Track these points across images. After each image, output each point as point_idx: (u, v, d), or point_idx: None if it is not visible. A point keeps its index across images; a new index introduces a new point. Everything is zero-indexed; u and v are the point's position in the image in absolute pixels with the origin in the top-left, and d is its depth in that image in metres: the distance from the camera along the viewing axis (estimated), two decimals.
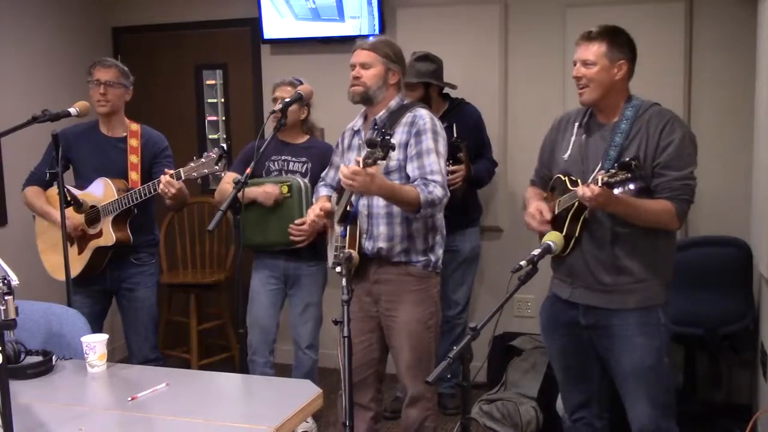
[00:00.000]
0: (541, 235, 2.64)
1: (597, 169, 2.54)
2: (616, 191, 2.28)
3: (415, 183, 2.73)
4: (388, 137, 2.40)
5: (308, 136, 3.72)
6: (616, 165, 2.28)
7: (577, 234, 2.57)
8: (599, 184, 2.31)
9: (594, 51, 2.54)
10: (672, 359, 2.63)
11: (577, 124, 2.70)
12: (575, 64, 2.61)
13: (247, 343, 3.34)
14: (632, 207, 2.44)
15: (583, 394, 2.80)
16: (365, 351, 2.91)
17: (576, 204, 2.51)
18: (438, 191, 2.71)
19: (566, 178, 2.62)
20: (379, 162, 2.47)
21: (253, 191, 3.45)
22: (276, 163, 3.63)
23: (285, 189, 3.51)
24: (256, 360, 3.77)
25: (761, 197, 3.29)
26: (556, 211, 2.62)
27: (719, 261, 3.66)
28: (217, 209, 2.73)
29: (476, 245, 4.13)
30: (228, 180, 3.61)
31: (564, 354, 2.79)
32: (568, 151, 2.68)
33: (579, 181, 2.56)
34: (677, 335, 3.33)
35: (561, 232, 2.55)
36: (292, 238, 3.48)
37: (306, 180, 3.55)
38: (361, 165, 2.48)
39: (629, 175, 2.23)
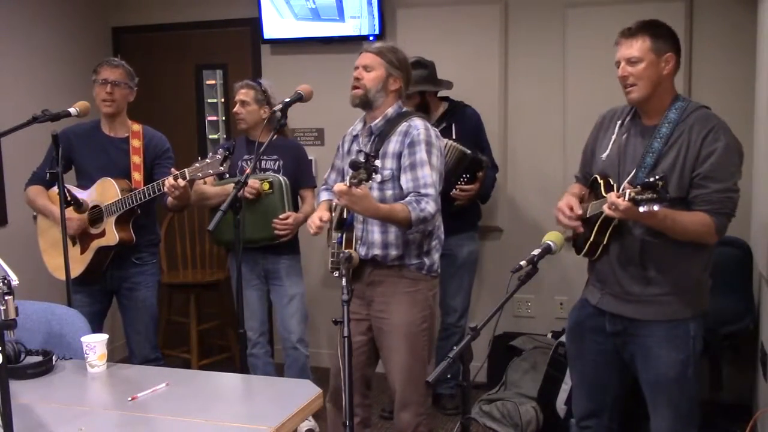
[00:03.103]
0: (575, 232, 2.56)
1: (631, 176, 2.44)
2: (640, 209, 2.13)
3: (407, 200, 2.72)
4: (372, 159, 2.41)
5: (277, 135, 3.74)
6: (641, 183, 2.13)
7: (605, 242, 2.49)
8: (626, 199, 2.17)
9: (638, 47, 2.40)
10: (698, 370, 2.52)
11: (619, 122, 2.58)
12: (618, 65, 2.46)
13: (247, 342, 3.34)
14: (664, 221, 2.30)
15: (595, 404, 2.71)
16: (354, 354, 2.87)
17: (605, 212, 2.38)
18: (430, 207, 2.70)
19: (602, 181, 2.50)
20: (364, 183, 2.48)
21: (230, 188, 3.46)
22: (248, 162, 3.66)
23: (266, 186, 3.56)
24: (257, 353, 3.80)
25: (761, 197, 3.29)
26: (588, 215, 2.52)
27: (719, 261, 3.63)
28: (218, 209, 2.73)
29: (474, 250, 4.09)
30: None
31: (584, 359, 2.70)
32: (607, 151, 2.56)
33: (615, 185, 2.45)
34: None
35: (590, 236, 2.50)
36: (276, 232, 3.57)
37: (282, 176, 3.63)
38: (348, 185, 2.51)
39: (654, 195, 2.08)
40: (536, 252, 2.29)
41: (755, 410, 3.51)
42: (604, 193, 2.44)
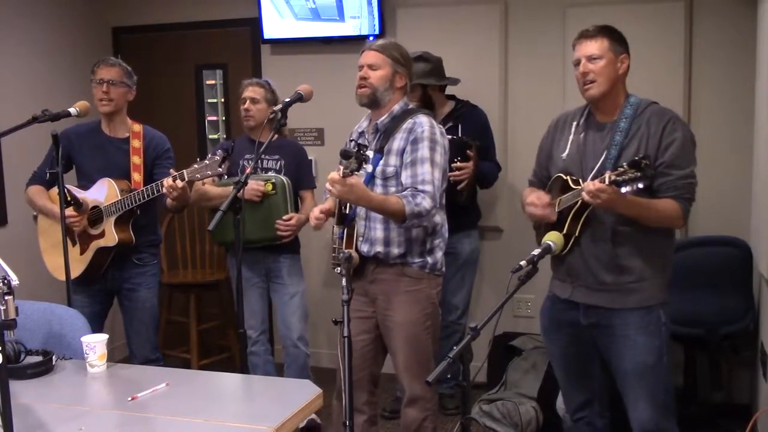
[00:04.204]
0: (541, 230, 2.61)
1: (596, 168, 2.53)
2: (623, 190, 2.26)
3: (404, 194, 2.72)
4: (364, 149, 2.44)
5: (277, 135, 3.74)
6: (625, 163, 2.26)
7: (577, 233, 2.56)
8: (606, 182, 2.29)
9: (598, 46, 2.55)
10: (671, 359, 2.63)
11: (575, 123, 2.69)
12: (578, 63, 2.59)
13: (247, 342, 3.34)
14: (640, 207, 2.43)
15: (585, 394, 2.80)
16: (359, 352, 2.89)
17: (578, 202, 2.48)
18: (426, 203, 2.69)
19: (567, 177, 2.60)
20: (356, 173, 2.49)
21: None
22: (250, 161, 3.65)
23: (269, 186, 3.57)
24: (257, 350, 3.80)
25: (761, 197, 3.29)
26: (558, 209, 2.60)
27: (719, 261, 3.66)
28: (218, 209, 2.73)
29: (475, 248, 4.10)
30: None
31: (565, 354, 2.79)
32: (567, 151, 2.68)
33: (580, 180, 2.54)
34: (677, 335, 3.33)
35: (561, 231, 2.54)
36: (279, 233, 3.57)
37: (284, 176, 3.63)
38: (341, 175, 2.51)
39: (639, 174, 2.21)
40: (536, 252, 2.33)
41: (755, 410, 3.51)
42: (573, 187, 2.53)
